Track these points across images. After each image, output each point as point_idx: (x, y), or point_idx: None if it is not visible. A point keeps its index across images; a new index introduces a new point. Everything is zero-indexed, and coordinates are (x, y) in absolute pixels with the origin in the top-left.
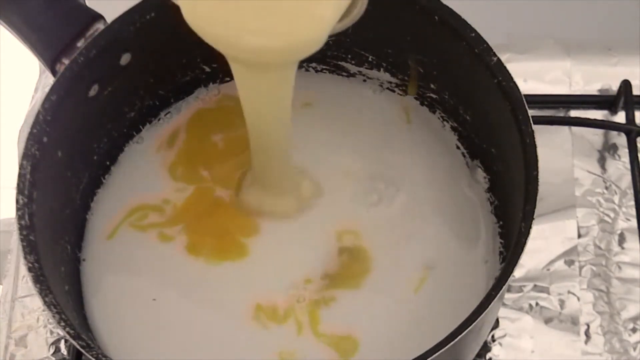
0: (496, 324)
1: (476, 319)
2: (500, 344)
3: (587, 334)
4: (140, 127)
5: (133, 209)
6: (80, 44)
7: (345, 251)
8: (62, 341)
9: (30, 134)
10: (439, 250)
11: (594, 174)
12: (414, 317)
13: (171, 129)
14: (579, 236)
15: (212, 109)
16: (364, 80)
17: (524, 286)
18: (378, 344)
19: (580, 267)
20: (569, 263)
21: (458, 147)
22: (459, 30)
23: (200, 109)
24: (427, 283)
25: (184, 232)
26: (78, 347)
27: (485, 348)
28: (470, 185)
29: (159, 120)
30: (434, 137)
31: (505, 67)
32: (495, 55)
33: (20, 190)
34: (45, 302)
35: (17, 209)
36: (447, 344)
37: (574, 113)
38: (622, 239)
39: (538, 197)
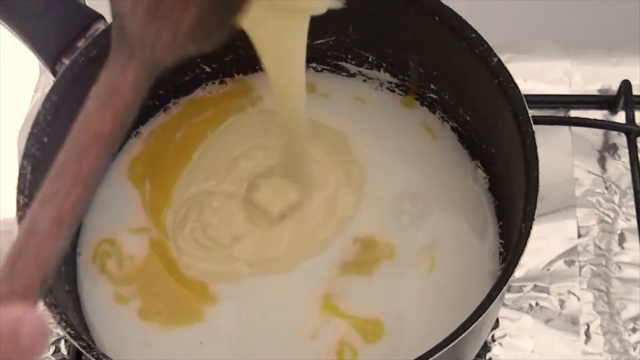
0: (496, 324)
1: (476, 319)
2: (500, 344)
3: (587, 334)
4: (140, 125)
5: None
6: (81, 44)
7: (359, 241)
8: (62, 341)
9: (31, 134)
10: (450, 237)
11: (594, 174)
12: (431, 294)
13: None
14: (579, 236)
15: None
16: (364, 81)
17: (524, 286)
18: (402, 324)
19: (580, 267)
20: (569, 263)
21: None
22: (460, 31)
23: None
24: (440, 264)
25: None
26: (78, 347)
27: (486, 348)
28: (475, 180)
29: (157, 117)
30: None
31: (505, 68)
32: (495, 55)
33: (20, 190)
34: (45, 302)
35: (18, 209)
36: (448, 345)
37: (574, 113)
38: (622, 239)
39: (538, 197)
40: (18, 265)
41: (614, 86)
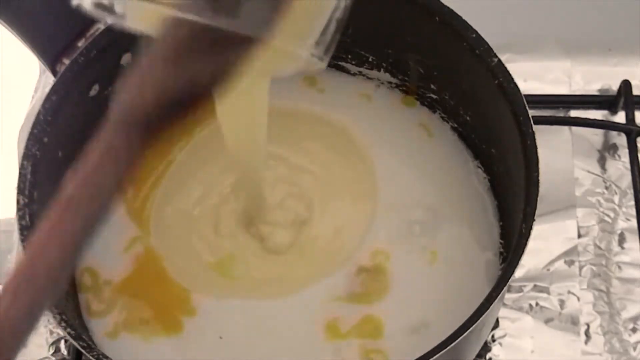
0: (496, 324)
1: (477, 320)
2: (500, 344)
3: (587, 334)
4: None
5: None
6: (81, 43)
7: (364, 270)
8: (62, 341)
9: (31, 134)
10: (451, 236)
11: (594, 174)
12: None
13: None
14: (579, 236)
15: None
16: (364, 81)
17: (524, 286)
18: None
19: (580, 267)
20: (569, 263)
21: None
22: (460, 31)
23: None
24: (440, 264)
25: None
26: (79, 347)
27: (486, 348)
28: (478, 180)
29: None
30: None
31: (506, 68)
32: (495, 56)
33: (20, 190)
34: None
35: (18, 209)
36: (448, 345)
37: (574, 113)
38: (622, 239)
39: (538, 198)
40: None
41: (614, 86)
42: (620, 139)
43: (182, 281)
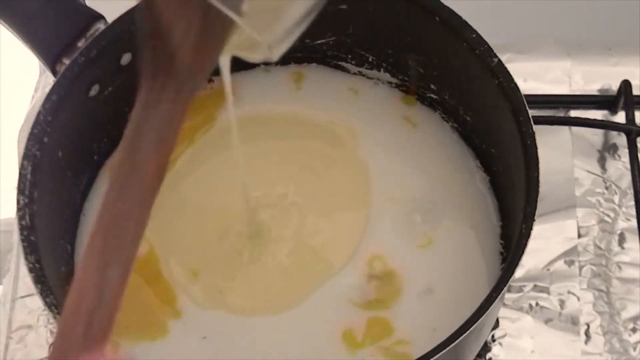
0: (496, 324)
1: (477, 320)
2: (500, 344)
3: (587, 334)
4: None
5: None
6: (81, 44)
7: (375, 277)
8: None
9: (31, 134)
10: (451, 237)
11: (594, 174)
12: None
13: None
14: (579, 236)
15: None
16: (362, 80)
17: (524, 286)
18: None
19: (580, 267)
20: (569, 263)
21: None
22: (460, 31)
23: None
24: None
25: None
26: None
27: (486, 348)
28: (480, 180)
29: None
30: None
31: (506, 68)
32: (496, 56)
33: (21, 190)
34: (46, 303)
35: (18, 209)
36: (448, 345)
37: (574, 113)
38: (622, 239)
39: (538, 198)
40: None
41: (614, 86)
42: (620, 139)
43: (173, 284)
